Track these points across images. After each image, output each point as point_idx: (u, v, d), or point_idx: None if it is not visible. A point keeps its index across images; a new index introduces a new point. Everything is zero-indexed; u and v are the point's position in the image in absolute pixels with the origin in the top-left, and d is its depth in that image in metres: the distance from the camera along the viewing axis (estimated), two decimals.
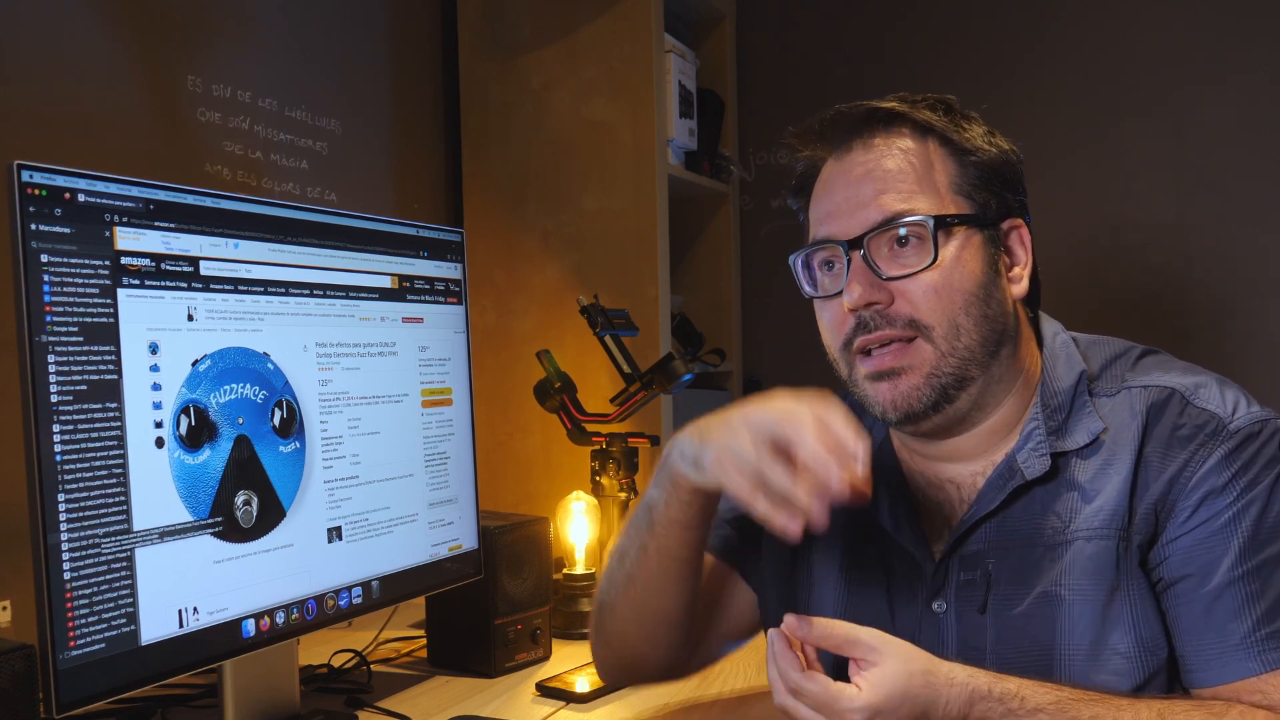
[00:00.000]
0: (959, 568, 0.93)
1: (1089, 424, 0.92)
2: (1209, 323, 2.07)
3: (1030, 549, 0.91)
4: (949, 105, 0.96)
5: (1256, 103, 2.03)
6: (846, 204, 0.92)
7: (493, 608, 1.41)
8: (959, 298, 0.89)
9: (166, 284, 1.05)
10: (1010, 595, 0.91)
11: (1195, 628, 0.86)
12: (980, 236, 0.91)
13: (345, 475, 1.24)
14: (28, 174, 0.93)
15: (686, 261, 2.44)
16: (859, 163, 0.93)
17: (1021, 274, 0.95)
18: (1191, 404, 0.89)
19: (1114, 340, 1.00)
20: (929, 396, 0.90)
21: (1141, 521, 0.88)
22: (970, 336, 0.90)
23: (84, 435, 0.96)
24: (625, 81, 1.98)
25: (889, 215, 0.90)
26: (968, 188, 0.92)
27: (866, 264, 0.90)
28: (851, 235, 0.91)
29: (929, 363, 0.90)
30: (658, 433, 1.90)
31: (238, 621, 1.10)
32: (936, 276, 0.89)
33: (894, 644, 0.82)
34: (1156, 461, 0.88)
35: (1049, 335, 0.98)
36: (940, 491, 0.97)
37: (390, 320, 1.32)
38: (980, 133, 0.94)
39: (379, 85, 2.03)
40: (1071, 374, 0.94)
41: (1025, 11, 2.22)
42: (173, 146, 1.59)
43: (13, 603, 1.30)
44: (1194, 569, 0.86)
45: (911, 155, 0.92)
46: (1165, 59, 2.10)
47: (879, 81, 2.34)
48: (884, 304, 0.90)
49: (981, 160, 0.92)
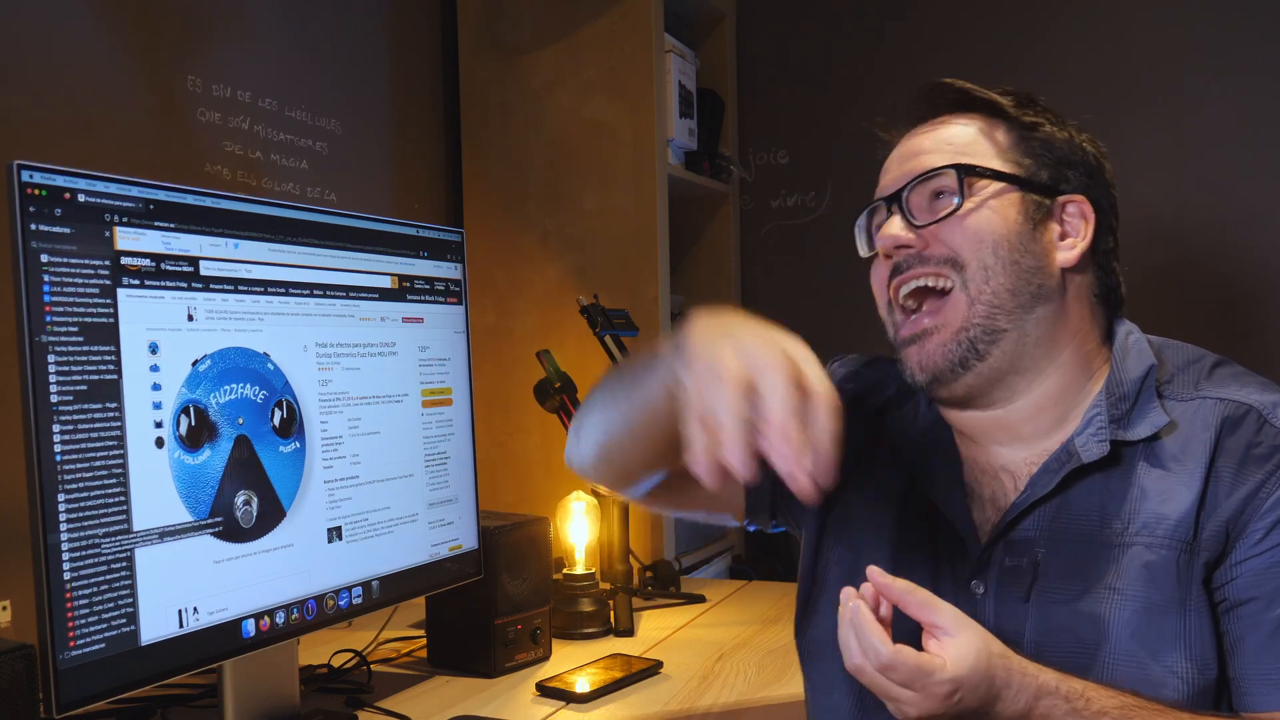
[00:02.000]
0: (1004, 552, 0.92)
1: (1154, 417, 0.90)
2: (1209, 323, 2.07)
3: (1086, 545, 0.90)
4: (1025, 94, 0.99)
5: (1257, 102, 2.03)
6: (897, 165, 0.98)
7: (493, 608, 1.41)
8: (987, 237, 0.92)
9: (166, 284, 1.05)
10: (1058, 588, 0.90)
11: (1256, 651, 0.84)
12: (1019, 195, 0.94)
13: (345, 475, 1.24)
14: (28, 174, 0.93)
15: (686, 261, 2.44)
16: (921, 132, 0.99)
17: (1074, 245, 0.95)
18: (1269, 423, 0.88)
19: (1187, 345, 1.00)
20: (955, 353, 0.92)
21: (1210, 539, 0.86)
22: (999, 280, 0.92)
23: (84, 435, 0.96)
24: (625, 81, 1.98)
25: (929, 168, 0.94)
26: (1019, 156, 0.95)
27: (902, 212, 0.95)
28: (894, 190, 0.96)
29: (961, 317, 0.92)
30: None
31: (238, 621, 1.10)
32: (967, 219, 0.92)
33: (970, 621, 0.82)
34: (1229, 478, 0.87)
35: (1121, 334, 0.98)
36: (994, 480, 0.97)
37: (390, 320, 1.32)
38: (1051, 118, 0.98)
39: (379, 85, 2.03)
40: (1140, 366, 0.94)
41: (1025, 11, 2.22)
42: (173, 146, 1.59)
43: (13, 603, 1.29)
44: (1260, 592, 0.85)
45: (972, 127, 0.97)
46: (1165, 58, 2.10)
47: (879, 81, 2.35)
48: (917, 248, 0.94)
49: (1042, 136, 0.96)
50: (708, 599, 1.78)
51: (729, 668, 1.41)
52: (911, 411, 1.05)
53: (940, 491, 0.98)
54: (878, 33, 2.36)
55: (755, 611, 1.71)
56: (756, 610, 1.71)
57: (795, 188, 2.45)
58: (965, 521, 0.96)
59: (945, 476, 0.98)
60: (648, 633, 1.60)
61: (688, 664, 1.42)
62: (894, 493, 1.02)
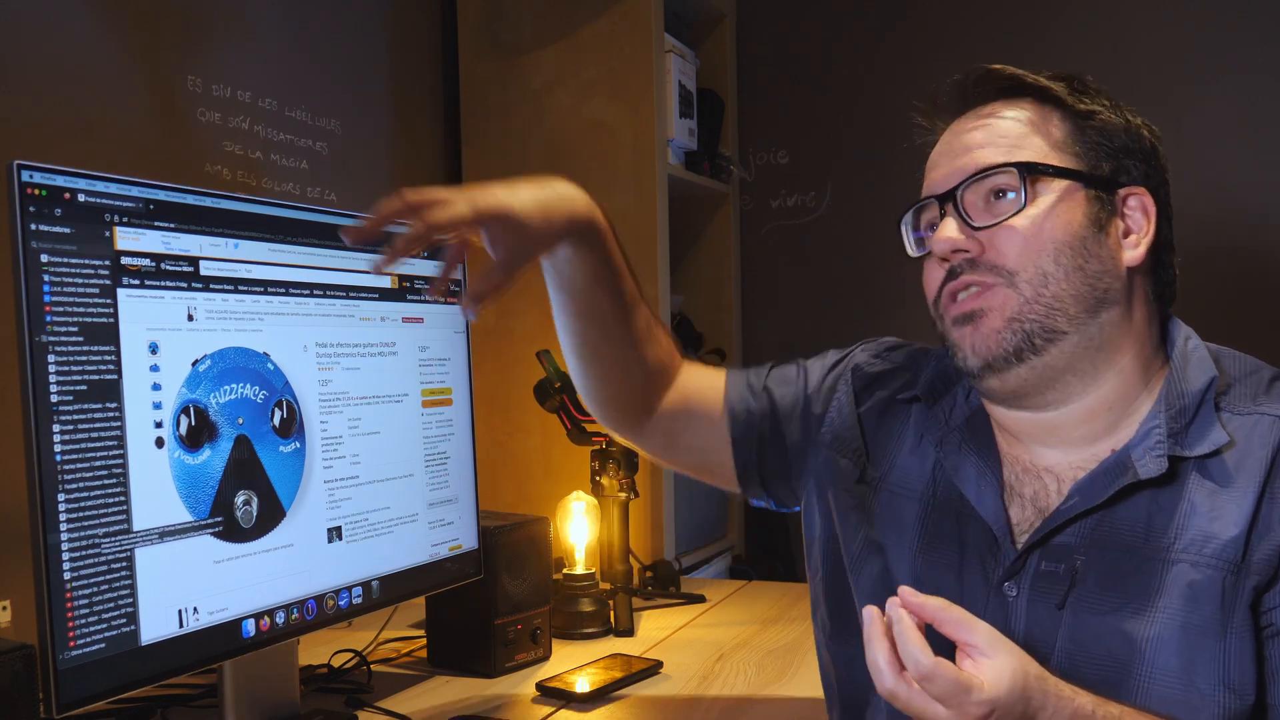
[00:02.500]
0: (1042, 556, 0.89)
1: (1213, 434, 0.87)
2: (1209, 323, 2.07)
3: (1129, 556, 0.86)
4: (1075, 77, 0.95)
5: (1257, 102, 2.03)
6: (949, 160, 0.93)
7: (493, 608, 1.41)
8: (1049, 245, 0.87)
9: (166, 284, 1.05)
10: (1095, 598, 0.87)
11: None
12: (1084, 193, 0.89)
13: (345, 475, 1.24)
14: (28, 174, 0.93)
15: (686, 261, 2.44)
16: (969, 125, 0.93)
17: (1139, 241, 0.91)
18: None
19: (1245, 356, 0.95)
20: (1010, 340, 0.87)
21: (1261, 562, 0.83)
22: (1059, 285, 0.87)
23: (84, 435, 0.96)
24: (625, 81, 1.98)
25: (985, 166, 0.89)
26: (1078, 147, 0.90)
27: (958, 212, 0.90)
28: (948, 188, 0.91)
29: (1011, 306, 0.88)
30: None
31: (238, 621, 1.10)
32: (1025, 222, 0.88)
33: (1006, 641, 0.78)
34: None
35: (1180, 339, 0.94)
36: (1036, 480, 0.93)
37: (390, 320, 1.32)
38: (1106, 104, 0.93)
39: (379, 85, 2.03)
40: (1202, 378, 0.90)
41: (1024, 11, 2.22)
42: (173, 146, 1.59)
43: (13, 603, 1.30)
44: None
45: (1022, 117, 0.92)
46: (1165, 57, 2.10)
47: (879, 81, 2.35)
48: (973, 253, 0.89)
49: (1101, 126, 0.91)
50: (708, 599, 1.79)
51: (729, 668, 1.41)
52: (949, 404, 1.01)
53: (974, 487, 0.94)
54: (878, 33, 2.36)
55: (755, 611, 1.71)
56: (756, 610, 1.71)
57: (795, 188, 2.45)
58: (1001, 521, 0.92)
59: (981, 472, 0.95)
60: (648, 633, 1.60)
61: (688, 664, 1.43)
62: (921, 484, 0.99)
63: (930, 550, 0.96)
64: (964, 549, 0.94)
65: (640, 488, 1.80)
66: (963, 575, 0.93)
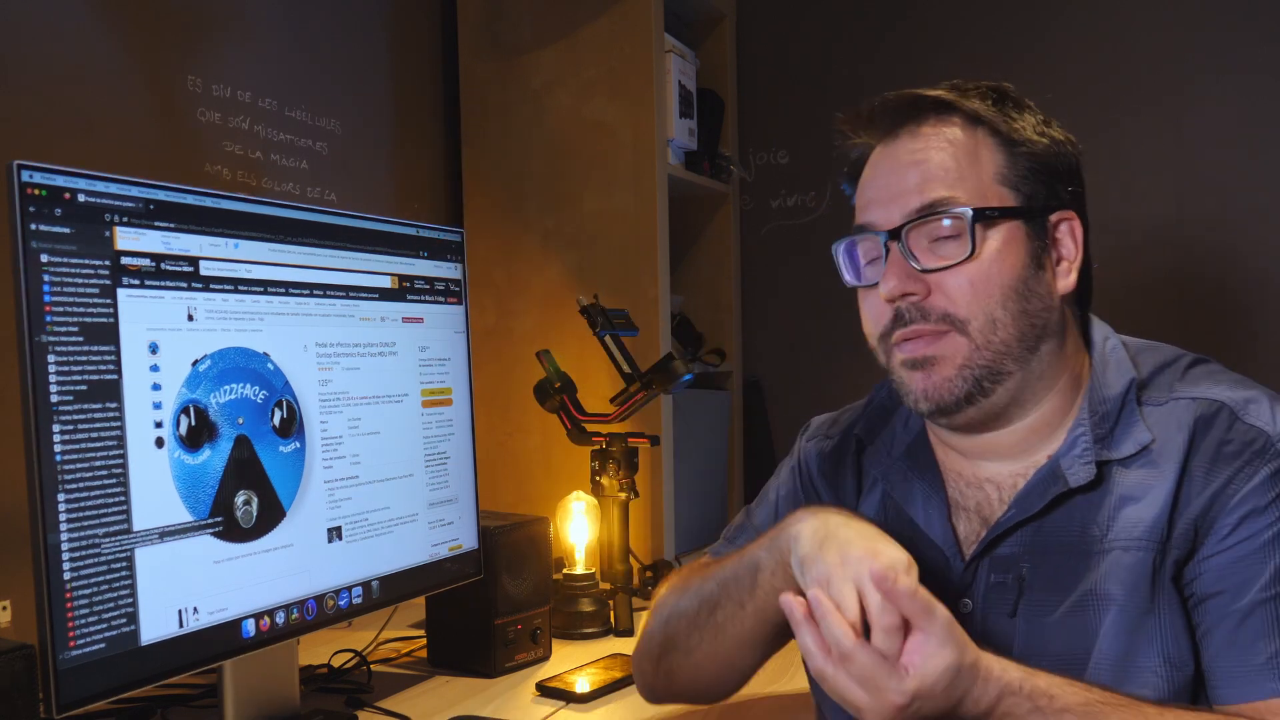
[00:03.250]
0: (990, 569, 0.92)
1: (1136, 434, 0.90)
2: (1209, 322, 2.07)
3: (1067, 556, 0.90)
4: (1002, 94, 0.94)
5: (1257, 101, 2.03)
6: (888, 191, 0.92)
7: (493, 608, 1.41)
8: (996, 291, 0.89)
9: (166, 284, 1.05)
10: (1044, 601, 0.90)
11: (1223, 645, 0.84)
12: (1024, 229, 0.90)
13: (345, 475, 1.24)
14: (28, 174, 0.93)
15: (686, 261, 2.44)
16: (905, 150, 0.92)
17: (1070, 268, 0.93)
18: (1240, 419, 0.88)
19: (1164, 346, 0.98)
20: (961, 388, 0.90)
21: (1180, 537, 0.86)
22: (1007, 330, 0.89)
23: (84, 435, 0.96)
24: (625, 81, 1.98)
25: (928, 203, 0.89)
26: (1014, 178, 0.91)
27: (904, 255, 0.90)
28: (891, 225, 0.91)
29: (962, 353, 0.89)
30: (658, 433, 1.90)
31: (238, 621, 1.10)
32: (974, 269, 0.88)
33: (958, 634, 0.80)
34: (1201, 476, 0.87)
35: (1099, 339, 0.97)
36: (978, 491, 0.96)
37: (390, 320, 1.32)
38: (1032, 123, 0.93)
39: (379, 85, 2.03)
40: (1121, 380, 0.92)
41: (1025, 11, 2.22)
42: (173, 146, 1.59)
43: (13, 603, 1.29)
44: (1227, 586, 0.85)
45: (958, 145, 0.91)
46: (1165, 57, 2.10)
47: (879, 81, 2.33)
48: (920, 296, 0.90)
49: (1031, 151, 0.91)
50: None
51: None
52: (889, 437, 1.04)
53: (921, 511, 0.98)
54: (878, 32, 2.36)
55: None
56: None
57: (795, 188, 2.45)
58: (949, 539, 0.96)
59: (927, 495, 0.98)
60: None
61: None
62: (878, 518, 1.02)
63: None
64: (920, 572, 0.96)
65: (640, 488, 1.80)
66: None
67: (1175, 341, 1.01)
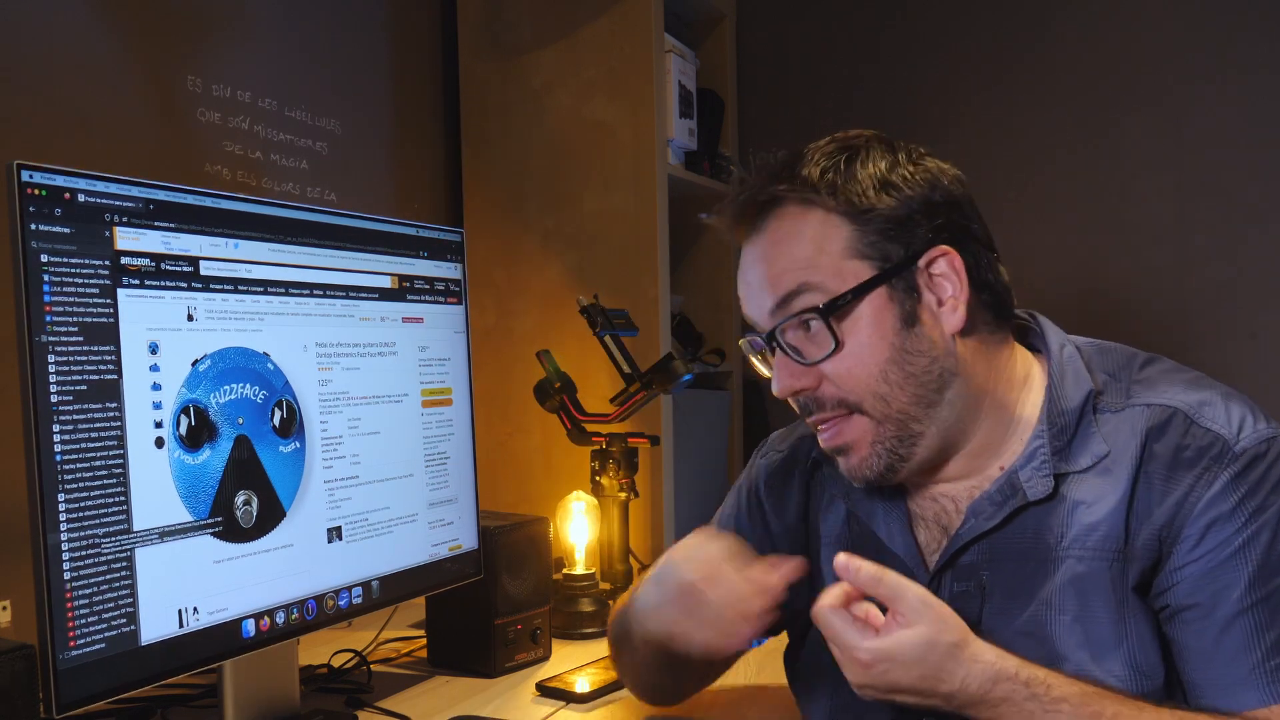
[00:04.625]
0: (954, 578, 0.93)
1: (1094, 446, 0.90)
2: (1209, 322, 2.07)
3: (1024, 563, 0.90)
4: (851, 152, 0.91)
5: (1257, 101, 2.03)
6: (748, 289, 0.94)
7: (493, 608, 1.41)
8: (873, 370, 0.89)
9: (166, 284, 1.05)
10: (1006, 609, 0.91)
11: (1203, 656, 0.85)
12: (887, 294, 0.89)
13: (345, 475, 1.24)
14: (28, 174, 0.93)
15: (686, 261, 2.44)
16: (756, 247, 0.93)
17: (956, 304, 0.90)
18: (1196, 424, 0.87)
19: (1118, 348, 0.98)
20: (879, 463, 0.91)
21: (1143, 548, 0.86)
22: (900, 399, 0.89)
23: (84, 435, 0.96)
24: (625, 81, 1.97)
25: (780, 298, 0.90)
26: (864, 248, 0.89)
27: (786, 353, 0.91)
28: (764, 326, 0.93)
29: (869, 432, 0.91)
30: (658, 432, 1.90)
31: (238, 621, 1.10)
32: (846, 357, 0.89)
33: (932, 612, 0.82)
34: (1160, 484, 0.87)
35: (1054, 346, 0.95)
36: (935, 504, 0.97)
37: (390, 320, 1.32)
38: (875, 179, 0.89)
39: (379, 85, 2.03)
40: (1080, 392, 0.92)
41: (1024, 11, 2.22)
42: (173, 146, 1.59)
43: (13, 603, 1.29)
44: (1202, 598, 0.85)
45: (800, 234, 0.90)
46: (1165, 57, 2.10)
47: (879, 81, 2.35)
48: (812, 387, 0.91)
49: (881, 213, 0.88)
50: None
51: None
52: None
53: (883, 525, 0.99)
54: (877, 32, 2.36)
55: None
56: None
57: None
58: (912, 551, 0.96)
59: (887, 509, 0.99)
60: None
61: None
62: (842, 534, 1.03)
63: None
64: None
65: (640, 488, 1.80)
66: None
67: (1174, 341, 1.01)
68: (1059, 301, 2.13)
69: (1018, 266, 0.99)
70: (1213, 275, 2.07)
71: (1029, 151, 2.22)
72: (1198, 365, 0.97)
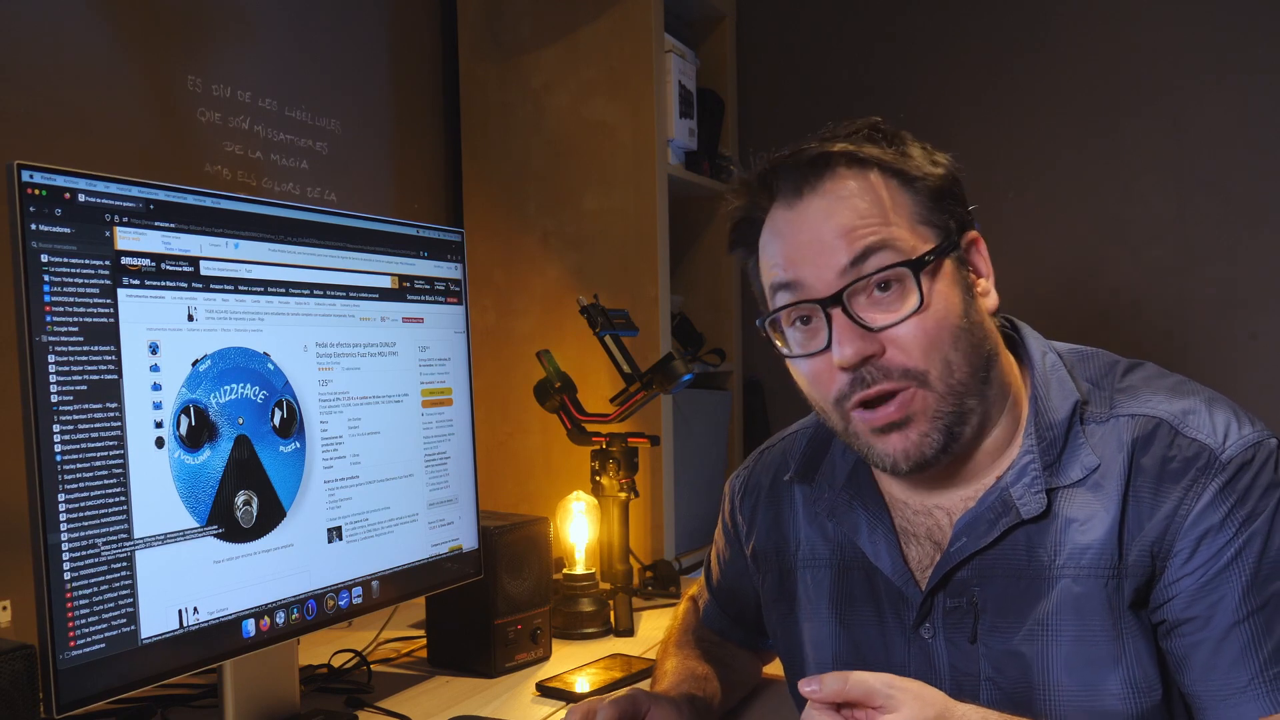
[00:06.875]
0: (946, 594, 0.92)
1: (1083, 458, 0.89)
2: (1209, 322, 2.07)
3: (1015, 580, 0.90)
4: (886, 133, 0.91)
5: (1257, 101, 2.03)
6: (807, 249, 0.87)
7: (493, 608, 1.41)
8: (948, 335, 0.86)
9: (166, 284, 1.05)
10: (1000, 627, 0.90)
11: (1203, 669, 0.84)
12: (952, 263, 0.88)
13: (345, 475, 1.24)
14: (28, 174, 0.93)
15: (686, 261, 2.44)
16: (815, 208, 0.88)
17: (988, 287, 0.92)
18: (1181, 434, 0.87)
19: (1098, 354, 0.97)
20: (939, 440, 0.87)
21: (1135, 564, 0.86)
22: (963, 370, 0.87)
23: (84, 435, 0.96)
24: (625, 81, 1.98)
25: (859, 252, 0.85)
26: (928, 215, 0.88)
27: (852, 319, 0.86)
28: (827, 288, 0.86)
29: (931, 406, 0.87)
30: (658, 433, 1.90)
31: (238, 621, 1.10)
32: (927, 319, 0.85)
33: (909, 689, 0.80)
34: (1149, 499, 0.86)
35: (1036, 354, 0.95)
36: (928, 517, 0.95)
37: (390, 320, 1.32)
38: (920, 155, 0.90)
39: (379, 85, 2.03)
40: (1066, 404, 0.91)
41: (1025, 10, 2.22)
42: (173, 146, 1.59)
43: (13, 603, 1.30)
44: (1198, 611, 0.84)
45: (868, 194, 0.87)
46: (1165, 56, 2.10)
47: (879, 81, 2.35)
48: (879, 354, 0.86)
49: (931, 185, 0.89)
50: None
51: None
52: (828, 468, 1.03)
53: (869, 543, 0.97)
54: (878, 32, 2.36)
55: None
56: None
57: None
58: (901, 569, 0.95)
59: (872, 526, 0.97)
60: (648, 633, 1.60)
61: None
62: (827, 551, 1.03)
63: (850, 611, 1.00)
64: (878, 603, 0.98)
65: (640, 488, 1.80)
66: (883, 628, 0.97)
67: (1174, 341, 1.01)
68: (1059, 302, 2.14)
69: (1018, 266, 0.99)
70: (1213, 275, 2.07)
71: (1029, 151, 2.22)
72: (1197, 366, 0.97)
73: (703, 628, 1.24)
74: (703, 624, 1.24)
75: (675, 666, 1.14)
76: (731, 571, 1.18)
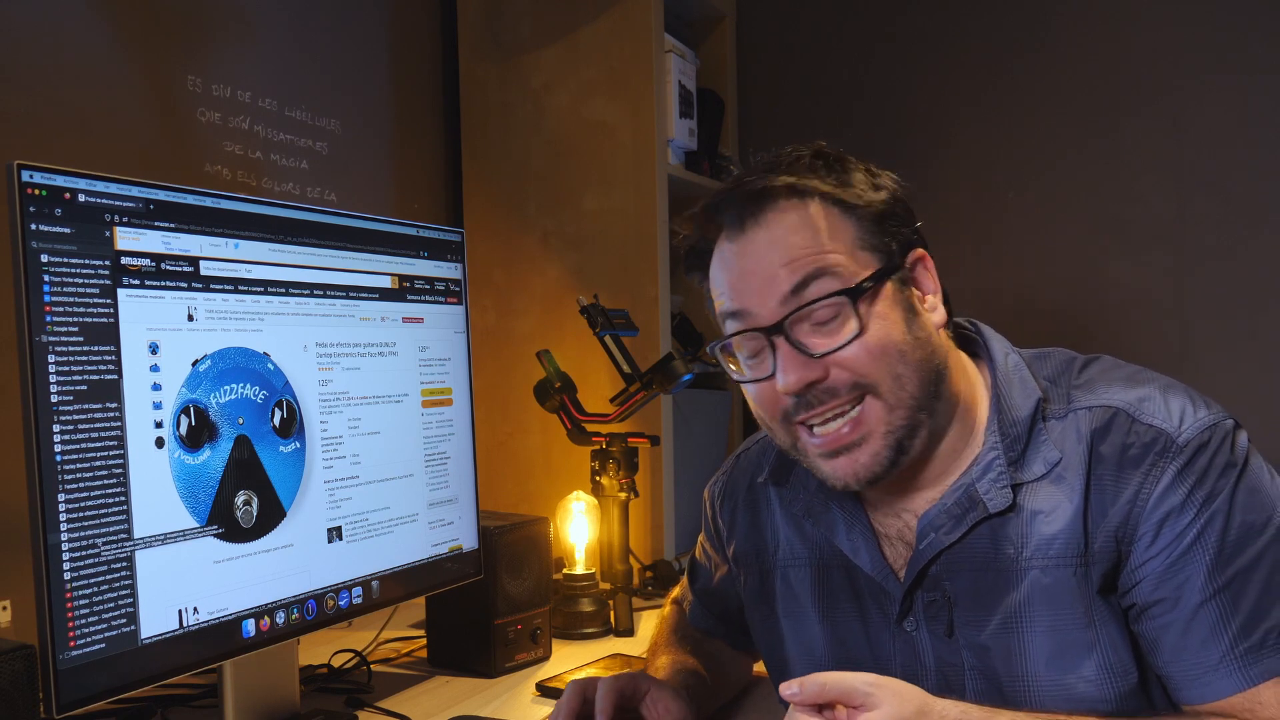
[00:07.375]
0: (922, 591, 0.95)
1: (1046, 453, 0.91)
2: (1209, 322, 2.07)
3: (983, 573, 0.91)
4: (828, 158, 0.93)
5: (1257, 101, 2.03)
6: (750, 279, 0.90)
7: (493, 608, 1.41)
8: (893, 353, 0.88)
9: (166, 284, 1.05)
10: (974, 620, 0.92)
11: (1175, 650, 0.85)
12: (893, 285, 0.90)
13: (345, 475, 1.24)
14: (28, 174, 0.93)
15: None
16: (758, 239, 0.90)
17: (936, 302, 0.94)
18: (1138, 421, 0.88)
19: (1056, 352, 0.99)
20: (889, 456, 0.89)
21: (1101, 550, 0.88)
22: (913, 384, 0.89)
23: (84, 435, 0.96)
24: (625, 81, 1.98)
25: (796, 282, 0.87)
26: (869, 240, 0.90)
27: (794, 346, 0.88)
28: (770, 317, 0.89)
29: (882, 421, 0.89)
30: (658, 433, 1.90)
31: (238, 621, 1.10)
32: (869, 342, 0.88)
33: (887, 687, 0.81)
34: (1110, 485, 0.88)
35: (999, 354, 0.97)
36: (897, 519, 0.97)
37: (390, 320, 1.32)
38: (862, 180, 0.92)
39: (379, 85, 2.03)
40: (1029, 402, 0.93)
41: (1024, 10, 2.22)
42: (173, 146, 1.59)
43: (13, 603, 1.30)
44: (1166, 592, 0.86)
45: (807, 223, 0.89)
46: (1165, 56, 2.10)
47: (879, 81, 2.35)
48: (821, 379, 0.88)
49: (873, 210, 0.90)
50: None
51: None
52: (802, 471, 1.03)
53: (847, 542, 0.99)
54: (878, 32, 2.36)
55: None
56: None
57: None
58: (880, 565, 0.97)
59: (849, 525, 0.99)
60: (648, 633, 1.60)
61: None
62: (806, 550, 1.04)
63: (834, 608, 1.02)
64: (860, 599, 0.99)
65: (640, 488, 1.80)
66: (867, 623, 0.99)
67: (1174, 341, 1.01)
68: (1059, 301, 2.13)
69: (1018, 266, 1.00)
70: (1213, 275, 2.07)
71: (1029, 151, 2.22)
72: (1197, 366, 0.97)
73: (690, 627, 1.25)
74: (690, 624, 1.25)
75: (668, 661, 1.14)
76: (715, 575, 1.20)
